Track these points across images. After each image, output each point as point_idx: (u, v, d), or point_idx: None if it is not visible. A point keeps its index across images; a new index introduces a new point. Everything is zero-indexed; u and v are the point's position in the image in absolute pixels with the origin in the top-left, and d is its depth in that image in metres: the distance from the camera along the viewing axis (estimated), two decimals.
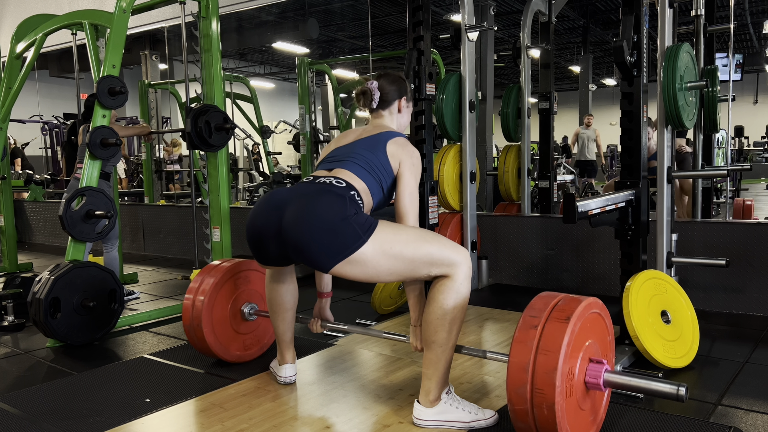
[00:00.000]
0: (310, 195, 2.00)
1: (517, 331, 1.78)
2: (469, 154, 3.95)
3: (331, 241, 1.90)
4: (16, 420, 2.27)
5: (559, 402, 1.67)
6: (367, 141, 2.24)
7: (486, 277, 4.18)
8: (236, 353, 2.81)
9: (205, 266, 2.86)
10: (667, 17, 3.00)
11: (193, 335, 2.73)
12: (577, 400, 1.79)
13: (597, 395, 1.93)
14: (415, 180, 2.20)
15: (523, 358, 1.72)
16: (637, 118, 2.81)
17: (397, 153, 2.20)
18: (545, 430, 1.71)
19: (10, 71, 5.02)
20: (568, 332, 1.71)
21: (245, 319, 2.82)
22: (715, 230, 3.65)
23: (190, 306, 2.71)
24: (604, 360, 1.84)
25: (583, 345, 1.80)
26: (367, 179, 2.14)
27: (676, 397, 1.74)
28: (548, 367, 1.68)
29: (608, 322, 1.96)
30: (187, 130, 3.74)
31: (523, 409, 1.72)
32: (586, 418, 1.86)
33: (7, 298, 3.78)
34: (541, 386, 1.68)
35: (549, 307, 1.80)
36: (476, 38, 3.91)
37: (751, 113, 19.27)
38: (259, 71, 18.81)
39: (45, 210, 7.69)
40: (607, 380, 1.81)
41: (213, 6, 3.91)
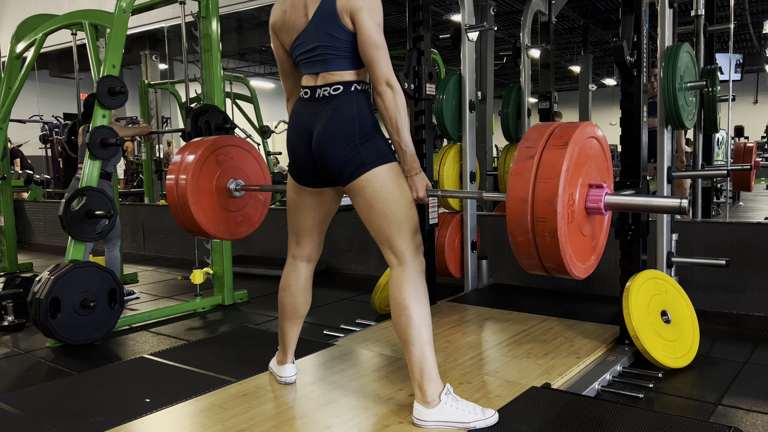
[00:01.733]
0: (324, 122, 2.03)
1: (513, 164, 1.73)
2: (469, 154, 3.95)
3: (342, 169, 2.02)
4: (16, 420, 2.26)
5: (561, 228, 1.64)
6: (322, 21, 1.99)
7: (486, 277, 4.18)
8: (228, 230, 2.76)
9: (183, 145, 2.81)
10: (667, 17, 3.00)
11: (182, 217, 2.66)
12: (578, 225, 1.76)
13: (597, 220, 1.90)
14: (373, 21, 1.94)
15: (522, 190, 1.67)
16: (637, 118, 2.81)
17: (346, 8, 1.94)
18: (549, 257, 1.69)
19: (10, 71, 5.02)
20: (567, 157, 1.66)
21: (232, 196, 2.77)
22: (715, 230, 3.65)
23: (173, 185, 2.63)
24: (604, 184, 1.81)
25: (582, 171, 1.76)
26: (352, 63, 2.04)
27: (679, 209, 1.72)
28: (548, 194, 1.63)
29: (606, 148, 1.93)
30: (187, 130, 3.75)
31: (525, 240, 1.69)
32: (588, 243, 1.84)
33: (7, 298, 3.78)
34: (542, 215, 1.64)
35: (545, 135, 1.74)
36: (476, 38, 3.91)
37: (751, 113, 19.28)
38: (259, 71, 18.81)
39: (45, 210, 7.69)
40: (608, 203, 1.79)
41: (213, 6, 3.91)
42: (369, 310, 3.79)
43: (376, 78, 1.96)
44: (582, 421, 2.06)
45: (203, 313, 4.06)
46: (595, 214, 1.82)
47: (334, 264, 5.20)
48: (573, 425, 2.03)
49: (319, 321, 3.67)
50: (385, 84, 1.95)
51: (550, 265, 1.72)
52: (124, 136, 4.01)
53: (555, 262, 1.70)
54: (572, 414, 2.12)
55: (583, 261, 1.81)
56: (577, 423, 2.05)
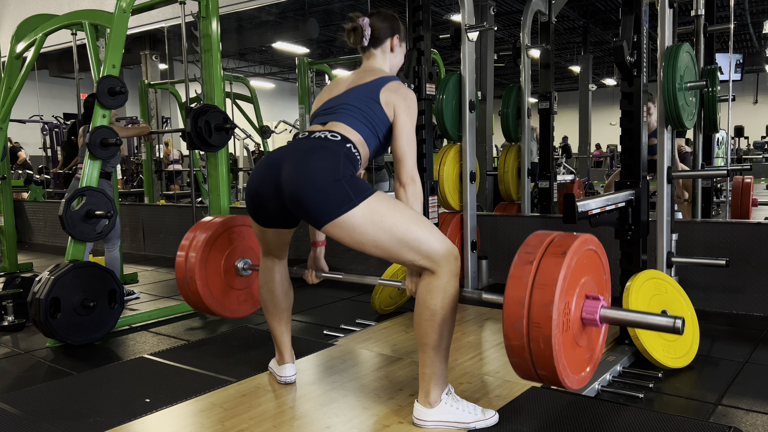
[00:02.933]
0: (304, 152, 1.97)
1: (512, 268, 1.75)
2: (469, 154, 3.95)
3: (322, 200, 1.89)
4: (16, 420, 2.27)
5: (555, 335, 1.65)
6: (359, 90, 2.16)
7: (486, 277, 4.18)
8: (230, 307, 2.79)
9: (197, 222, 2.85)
10: (667, 17, 3.00)
11: (188, 291, 2.70)
12: (573, 335, 1.77)
13: (593, 332, 1.91)
14: (411, 122, 2.12)
15: (519, 293, 1.69)
16: (637, 118, 2.81)
17: (391, 99, 2.11)
18: (542, 364, 1.69)
19: (10, 71, 5.02)
20: (564, 266, 1.68)
21: (239, 275, 2.80)
22: (715, 230, 3.65)
23: (183, 263, 2.68)
24: (601, 296, 1.82)
25: (579, 281, 1.78)
26: (362, 130, 2.09)
27: (673, 329, 1.73)
28: (545, 300, 1.65)
29: (604, 260, 1.94)
30: (187, 130, 3.74)
31: (519, 344, 1.70)
32: (583, 354, 1.85)
33: (7, 298, 3.79)
34: (537, 320, 1.65)
35: (544, 243, 1.77)
36: (476, 38, 3.91)
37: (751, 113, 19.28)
38: (259, 71, 18.81)
39: (45, 210, 7.69)
40: (603, 316, 1.79)
41: (213, 6, 3.91)
42: (369, 310, 3.79)
43: (405, 171, 2.08)
44: (582, 421, 2.06)
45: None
46: (590, 326, 1.83)
47: (334, 264, 5.20)
48: (573, 425, 2.03)
49: (319, 321, 3.67)
50: (411, 178, 2.08)
51: (543, 372, 1.72)
52: (124, 136, 4.01)
53: (548, 370, 1.70)
54: (572, 414, 2.12)
55: (577, 372, 1.82)
56: (577, 423, 2.05)
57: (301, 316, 3.80)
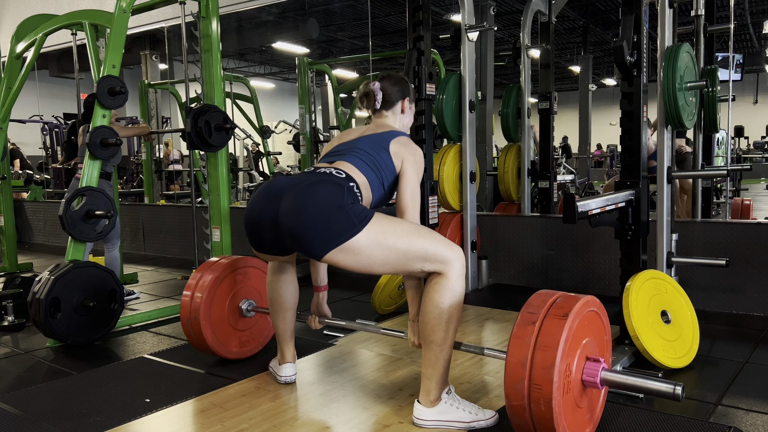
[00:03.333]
0: (307, 183, 2.00)
1: (515, 328, 1.78)
2: (469, 154, 3.95)
3: (325, 228, 1.91)
4: (16, 420, 2.27)
5: (556, 398, 1.67)
6: (370, 138, 2.27)
7: (486, 277, 4.18)
8: (234, 350, 2.82)
9: (203, 263, 2.87)
10: (667, 17, 3.00)
11: (191, 331, 2.73)
12: (574, 397, 1.79)
13: (594, 394, 1.93)
14: (417, 177, 2.23)
15: (522, 354, 1.72)
16: (637, 118, 2.81)
17: (400, 151, 2.22)
18: (542, 426, 1.71)
19: (10, 71, 5.02)
20: (566, 329, 1.71)
21: (243, 316, 2.83)
22: (715, 230, 3.65)
23: (188, 303, 2.72)
24: (602, 359, 1.84)
25: (581, 343, 1.80)
26: (368, 174, 2.15)
27: (673, 396, 1.75)
28: (546, 363, 1.68)
29: (605, 322, 1.96)
30: (187, 130, 3.74)
31: (520, 405, 1.72)
32: (583, 416, 1.87)
33: (7, 298, 3.78)
34: (538, 382, 1.68)
35: (547, 304, 1.80)
36: (476, 38, 3.91)
37: (751, 113, 19.28)
38: (259, 71, 18.81)
39: (45, 210, 7.69)
40: (604, 378, 1.81)
41: (213, 6, 3.91)
42: (369, 310, 3.79)
43: None
44: None
45: None
46: (591, 388, 1.84)
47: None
48: None
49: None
50: None
51: None
52: (124, 136, 4.01)
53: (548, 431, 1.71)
54: None
55: None
56: None
57: (300, 312, 3.79)
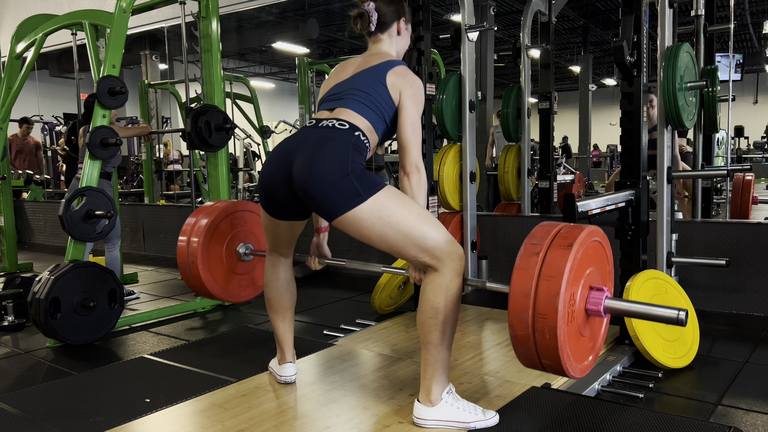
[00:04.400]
0: (314, 144, 1.98)
1: (518, 259, 1.76)
2: (469, 154, 3.95)
3: (331, 196, 1.91)
4: (16, 420, 2.26)
5: (561, 326, 1.65)
6: (365, 74, 2.16)
7: (486, 277, 4.18)
8: (233, 293, 2.82)
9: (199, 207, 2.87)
10: (667, 17, 3.00)
11: (189, 275, 2.72)
12: (577, 326, 1.78)
13: (596, 323, 1.92)
14: (416, 109, 2.11)
15: (525, 285, 1.70)
16: (637, 118, 2.81)
17: (397, 83, 2.10)
18: (547, 354, 1.70)
19: (10, 71, 5.02)
20: (571, 258, 1.69)
21: (241, 260, 2.83)
22: (715, 230, 3.65)
23: (185, 246, 2.71)
24: (605, 287, 1.84)
25: (584, 273, 1.79)
26: (370, 116, 2.09)
27: (677, 320, 1.74)
28: (551, 292, 1.66)
29: (608, 252, 1.95)
30: (187, 130, 3.75)
31: (524, 335, 1.70)
32: (586, 344, 1.86)
33: (7, 298, 3.79)
34: (543, 311, 1.66)
35: (551, 234, 1.78)
36: (476, 38, 3.91)
37: (751, 113, 19.29)
38: (259, 71, 18.82)
39: (45, 210, 7.69)
40: (607, 307, 1.80)
41: (213, 6, 3.91)
42: (369, 310, 3.79)
43: (409, 160, 2.07)
44: (582, 421, 2.06)
45: (203, 313, 4.06)
46: (594, 316, 1.84)
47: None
48: (573, 425, 2.03)
49: (319, 321, 3.67)
50: (415, 167, 2.06)
51: (547, 362, 1.73)
52: (124, 136, 4.01)
53: (552, 360, 1.71)
54: (572, 414, 2.12)
55: (580, 361, 1.83)
56: (577, 423, 2.05)
57: (301, 316, 3.80)
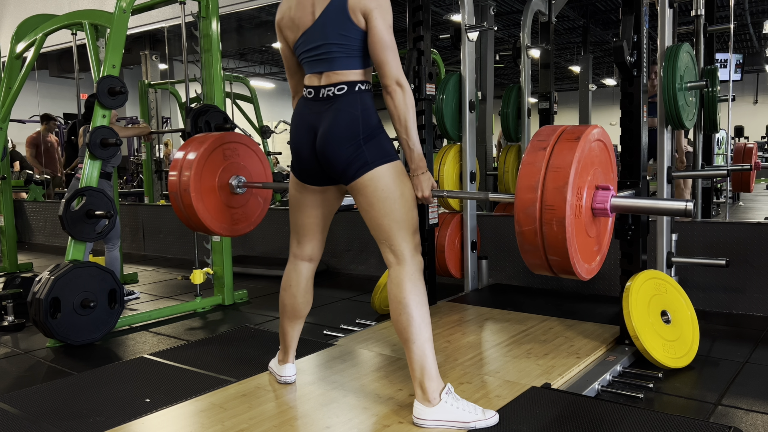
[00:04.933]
0: (329, 123, 2.04)
1: (525, 155, 1.75)
2: (469, 154, 3.95)
3: (345, 169, 2.03)
4: (16, 420, 2.26)
5: (569, 217, 1.64)
6: (331, 17, 2.00)
7: (486, 277, 4.18)
8: (226, 226, 2.79)
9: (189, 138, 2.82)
10: (667, 17, 3.00)
11: (181, 206, 2.67)
12: (584, 223, 1.76)
13: (602, 224, 1.91)
14: (385, 23, 1.97)
15: (533, 178, 1.68)
16: (637, 118, 2.81)
17: (358, 6, 1.96)
18: (554, 249, 1.68)
19: (10, 71, 5.02)
20: (579, 149, 1.68)
21: (234, 193, 2.79)
22: (715, 230, 3.65)
23: (176, 176, 2.67)
24: (610, 186, 1.83)
25: (590, 171, 1.78)
26: (357, 63, 2.05)
27: (684, 212, 1.73)
28: (559, 182, 1.64)
29: (612, 155, 1.95)
30: (187, 130, 3.74)
31: (531, 230, 1.68)
32: (592, 245, 1.85)
33: (7, 298, 3.78)
34: (551, 203, 1.64)
35: (557, 132, 1.78)
36: (476, 38, 3.91)
37: (751, 113, 19.28)
38: (259, 71, 18.81)
39: (45, 210, 7.69)
40: (614, 205, 1.80)
41: (213, 6, 3.91)
42: (369, 310, 3.79)
43: (387, 77, 1.99)
44: (582, 421, 2.06)
45: (203, 313, 4.06)
46: (601, 216, 1.83)
47: (334, 264, 5.20)
48: (573, 425, 2.03)
49: (319, 321, 3.67)
50: (396, 83, 1.99)
51: (554, 258, 1.70)
52: (124, 136, 4.01)
53: (560, 255, 1.68)
54: (572, 414, 2.12)
55: (588, 262, 1.82)
56: (577, 423, 2.05)
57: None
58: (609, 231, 1.97)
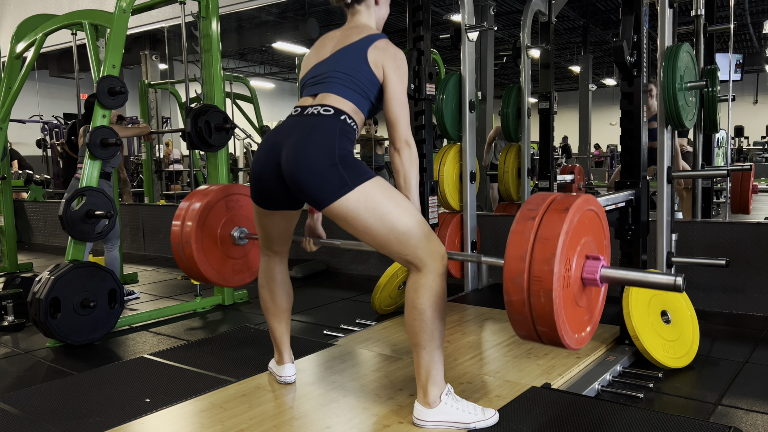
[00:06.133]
0: (301, 134, 1.95)
1: (514, 224, 1.74)
2: (469, 154, 3.95)
3: (319, 185, 1.89)
4: (16, 420, 2.26)
5: (556, 289, 1.64)
6: (346, 53, 2.08)
7: (486, 277, 4.18)
8: (227, 277, 2.81)
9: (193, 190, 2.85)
10: (667, 17, 3.00)
11: (183, 257, 2.71)
12: (573, 294, 1.76)
13: (593, 293, 1.90)
14: (402, 83, 2.04)
15: (521, 248, 1.68)
16: (637, 118, 2.81)
17: (379, 59, 2.03)
18: (542, 319, 1.68)
19: (10, 71, 5.02)
20: (567, 221, 1.68)
21: (235, 243, 2.82)
22: (715, 230, 3.65)
23: (179, 228, 2.71)
24: (601, 256, 1.82)
25: (580, 241, 1.78)
26: (353, 97, 2.04)
27: (674, 286, 1.73)
28: (547, 254, 1.64)
29: (604, 224, 1.93)
30: (187, 130, 3.75)
31: (519, 299, 1.68)
32: (582, 315, 1.84)
33: (7, 298, 3.79)
34: (538, 274, 1.64)
35: (547, 201, 1.77)
36: (476, 38, 3.91)
37: (751, 113, 19.29)
38: (259, 71, 18.82)
39: (45, 210, 7.69)
40: (604, 275, 1.79)
41: (213, 6, 3.91)
42: (369, 310, 3.79)
43: (398, 135, 2.01)
44: (582, 421, 2.06)
45: (203, 313, 4.06)
46: (591, 286, 1.82)
47: (334, 264, 5.20)
48: (573, 425, 2.03)
49: (319, 321, 3.67)
50: (405, 142, 2.00)
51: (542, 329, 1.71)
52: (124, 136, 4.01)
53: (547, 326, 1.69)
54: (572, 414, 2.12)
55: (577, 332, 1.81)
56: (577, 423, 2.05)
57: (301, 316, 3.80)
58: (601, 300, 1.97)
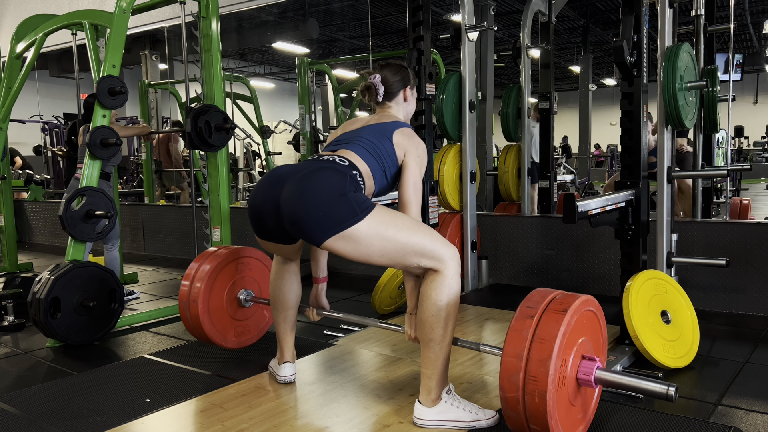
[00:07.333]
0: (309, 170, 2.00)
1: (513, 321, 1.79)
2: (469, 154, 3.95)
3: (326, 214, 1.90)
4: (16, 420, 2.27)
5: (550, 391, 1.67)
6: (373, 128, 2.25)
7: (486, 277, 4.18)
8: (231, 339, 2.86)
9: (203, 252, 2.88)
10: (667, 17, 3.00)
11: (188, 316, 2.77)
12: (568, 394, 1.79)
13: (588, 394, 1.93)
14: (419, 171, 2.22)
15: (518, 347, 1.73)
16: (637, 118, 2.81)
17: (403, 143, 2.20)
18: (535, 419, 1.71)
19: (10, 71, 5.02)
20: (564, 323, 1.72)
21: (241, 306, 2.86)
22: (715, 230, 3.65)
23: (186, 291, 2.75)
24: (597, 358, 1.84)
25: (577, 341, 1.81)
26: (371, 163, 2.14)
27: (666, 396, 1.75)
28: (543, 355, 1.68)
29: (602, 324, 1.97)
30: (187, 130, 3.74)
31: (514, 397, 1.72)
32: (576, 414, 1.87)
33: (7, 298, 3.78)
34: (534, 374, 1.68)
35: (546, 299, 1.82)
36: (476, 38, 3.91)
37: (751, 113, 19.28)
38: (259, 71, 18.81)
39: (45, 210, 7.69)
40: (598, 377, 1.82)
41: (213, 6, 3.91)
42: (369, 310, 3.79)
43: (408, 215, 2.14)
44: None
45: None
46: (585, 386, 1.85)
47: (334, 264, 5.20)
48: None
49: (319, 321, 3.66)
50: None
51: (535, 427, 1.74)
52: (124, 136, 4.01)
53: (540, 426, 1.72)
54: None
55: (569, 430, 1.83)
56: None
57: (301, 315, 3.79)
58: (595, 399, 2.00)
